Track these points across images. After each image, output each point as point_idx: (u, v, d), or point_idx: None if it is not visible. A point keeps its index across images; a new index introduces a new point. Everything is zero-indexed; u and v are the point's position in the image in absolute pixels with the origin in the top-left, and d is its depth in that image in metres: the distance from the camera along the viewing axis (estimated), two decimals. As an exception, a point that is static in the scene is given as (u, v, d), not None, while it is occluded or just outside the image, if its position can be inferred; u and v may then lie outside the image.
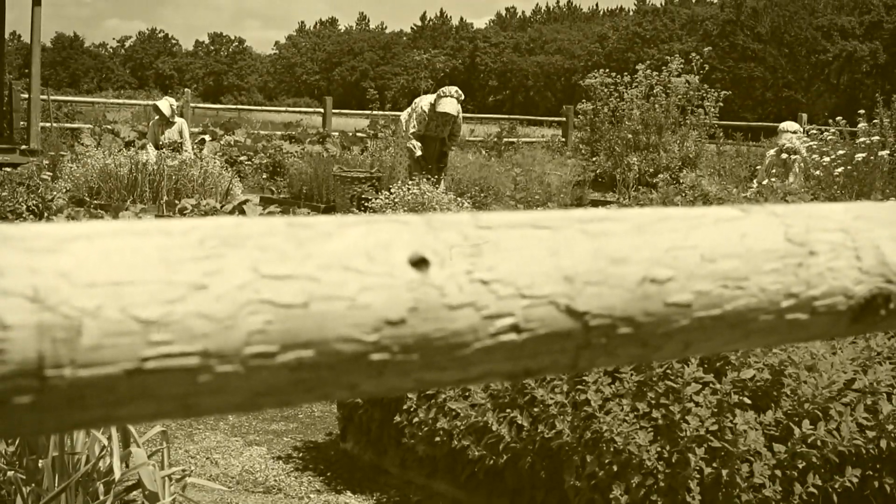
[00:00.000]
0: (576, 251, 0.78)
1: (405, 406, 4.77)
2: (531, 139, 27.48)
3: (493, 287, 0.74)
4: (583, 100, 21.83)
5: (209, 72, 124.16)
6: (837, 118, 14.10)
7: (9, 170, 13.75)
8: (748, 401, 4.00)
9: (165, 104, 15.46)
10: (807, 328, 0.93)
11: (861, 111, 13.17)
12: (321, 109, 26.10)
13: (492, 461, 4.33)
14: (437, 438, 4.57)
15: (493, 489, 4.46)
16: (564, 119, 27.78)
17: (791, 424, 3.98)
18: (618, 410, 3.99)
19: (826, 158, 11.64)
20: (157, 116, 15.53)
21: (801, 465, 3.89)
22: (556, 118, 31.06)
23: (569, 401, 4.14)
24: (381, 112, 28.21)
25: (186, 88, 29.01)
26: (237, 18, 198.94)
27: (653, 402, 4.01)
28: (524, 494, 4.31)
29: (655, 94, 20.31)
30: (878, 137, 11.87)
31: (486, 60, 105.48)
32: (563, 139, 26.63)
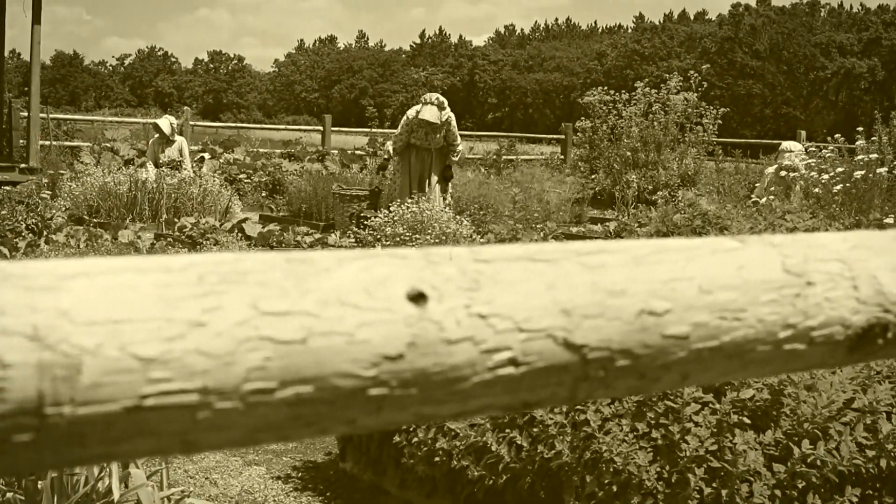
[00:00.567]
0: (573, 284, 0.78)
1: (404, 426, 4.76)
2: (530, 156, 27.51)
3: (491, 321, 0.74)
4: (581, 117, 21.87)
5: (208, 90, 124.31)
6: (836, 135, 14.13)
7: (8, 188, 13.77)
8: (748, 421, 4.00)
9: (166, 123, 15.50)
10: (804, 358, 0.93)
11: (859, 128, 13.19)
12: (320, 127, 26.14)
13: (491, 481, 4.32)
14: (437, 458, 4.56)
15: (493, 509, 4.45)
16: (563, 136, 27.81)
17: (791, 444, 3.97)
18: (617, 430, 3.99)
19: (825, 176, 11.65)
20: (157, 135, 15.56)
21: (801, 485, 3.89)
22: (555, 136, 31.09)
23: (568, 421, 4.13)
24: (381, 129, 28.27)
25: (186, 107, 29.04)
26: (236, 36, 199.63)
27: (652, 422, 4.01)
28: (524, 515, 4.31)
29: (654, 112, 20.35)
30: (877, 155, 11.87)
31: (485, 78, 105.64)
32: (562, 156, 26.66)
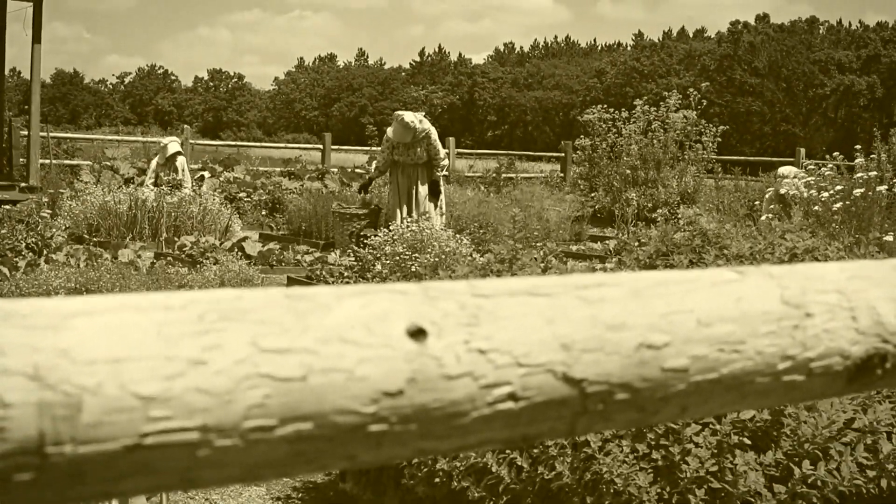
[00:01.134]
0: (573, 318, 0.79)
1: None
2: (530, 174, 27.52)
3: (491, 356, 0.74)
4: (581, 135, 21.89)
5: (208, 108, 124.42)
6: (835, 153, 14.13)
7: (8, 207, 13.78)
8: (748, 441, 4.00)
9: (175, 146, 15.59)
10: (803, 389, 0.93)
11: (858, 146, 13.20)
12: (320, 146, 26.15)
13: (492, 502, 4.31)
14: (437, 479, 4.56)
15: (493, 530, 4.44)
16: (563, 154, 27.83)
17: (791, 465, 3.97)
18: (617, 451, 3.98)
19: (824, 194, 11.66)
20: (157, 156, 15.63)
21: (802, 506, 3.88)
22: (555, 153, 31.11)
23: (568, 442, 4.13)
24: (380, 148, 28.22)
25: (186, 125, 29.06)
26: (236, 54, 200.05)
27: (652, 443, 4.00)
28: (524, 535, 4.30)
29: (653, 130, 20.38)
30: (876, 172, 11.88)
31: (485, 96, 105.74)
32: (562, 174, 26.67)
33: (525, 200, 17.49)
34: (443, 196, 13.43)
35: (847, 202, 11.30)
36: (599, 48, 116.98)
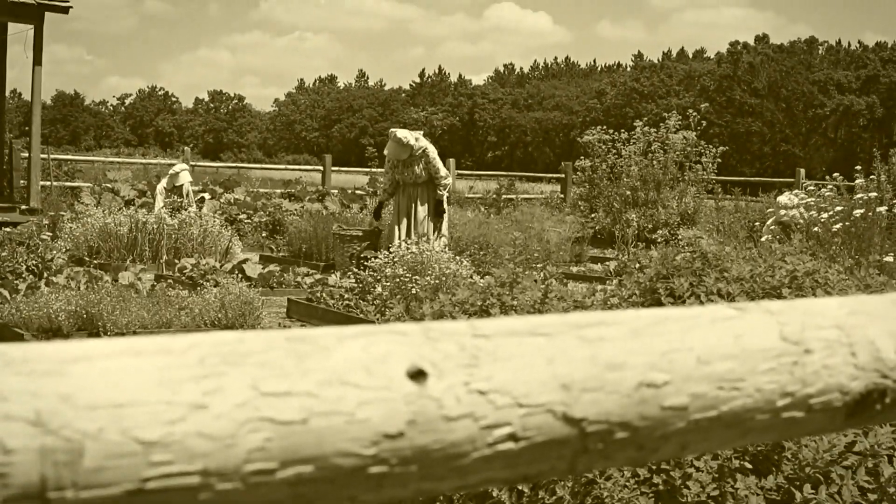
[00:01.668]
0: (573, 358, 0.79)
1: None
2: (530, 195, 27.56)
3: (491, 397, 0.74)
4: (581, 156, 21.91)
5: (209, 129, 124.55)
6: (835, 174, 14.14)
7: (9, 229, 13.78)
8: (749, 465, 3.99)
9: (187, 176, 15.71)
10: (803, 425, 0.94)
11: (858, 167, 13.21)
12: (320, 167, 26.18)
13: (492, 527, 4.30)
14: (437, 502, 4.55)
15: (494, 555, 4.44)
16: (563, 175, 27.86)
17: (792, 489, 3.96)
18: (618, 476, 3.98)
19: (824, 215, 11.67)
20: (165, 180, 15.74)
21: (803, 530, 3.87)
22: (555, 174, 31.15)
23: (569, 466, 4.12)
24: (381, 169, 28.26)
25: (186, 147, 29.12)
26: (236, 76, 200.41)
27: (653, 468, 4.00)
28: (525, 560, 4.29)
29: (653, 151, 20.40)
30: (876, 193, 11.88)
31: (485, 117, 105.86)
32: (562, 195, 26.70)
33: (525, 222, 17.50)
34: (446, 217, 13.42)
35: (847, 223, 11.31)
36: (599, 69, 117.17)
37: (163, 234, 13.61)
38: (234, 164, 36.76)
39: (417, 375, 0.72)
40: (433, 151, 13.20)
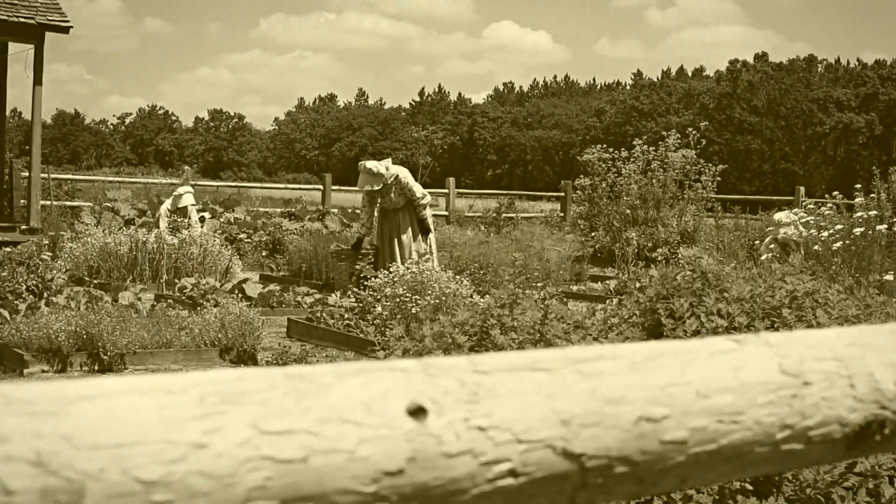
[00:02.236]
0: (572, 393, 0.79)
1: None
2: (530, 214, 27.58)
3: (491, 433, 0.75)
4: (581, 175, 21.93)
5: (209, 148, 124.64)
6: (834, 192, 14.16)
7: (9, 249, 13.78)
8: (750, 487, 3.99)
9: (190, 199, 15.73)
10: (802, 457, 0.94)
11: (858, 185, 13.22)
12: (320, 186, 26.21)
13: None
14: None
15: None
16: (563, 194, 27.88)
17: (793, 510, 3.96)
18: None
19: (824, 233, 11.67)
20: (169, 200, 15.75)
21: (805, 552, 3.87)
22: (555, 193, 31.18)
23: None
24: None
25: (186, 166, 29.15)
26: (236, 94, 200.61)
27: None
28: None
29: (653, 169, 20.41)
30: (875, 211, 11.89)
31: (485, 135, 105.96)
32: (562, 214, 26.72)
33: (525, 240, 17.51)
34: (432, 235, 13.43)
35: (847, 241, 11.31)
36: (599, 87, 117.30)
37: (163, 254, 13.61)
38: (235, 184, 36.85)
39: (417, 412, 0.72)
40: (405, 175, 13.23)
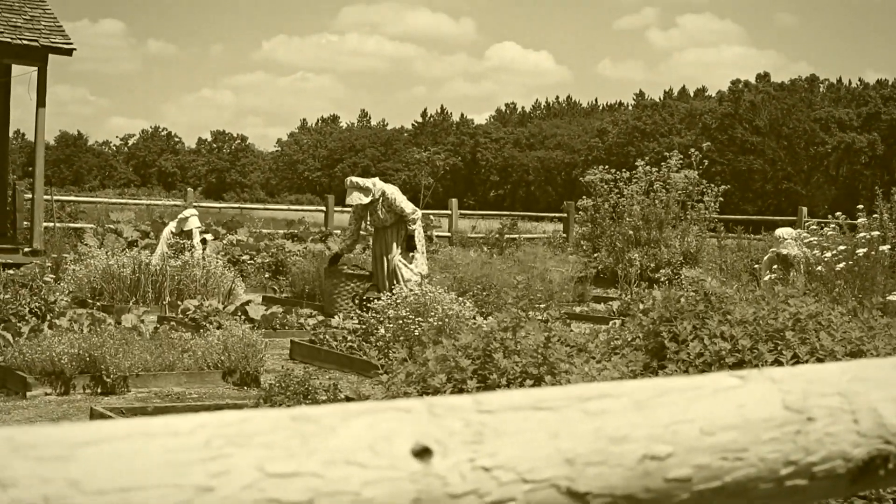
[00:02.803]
0: (576, 432, 0.79)
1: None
2: (533, 235, 27.59)
3: (495, 473, 0.75)
4: (583, 195, 21.94)
5: (211, 169, 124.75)
6: (837, 213, 14.16)
7: (12, 271, 13.79)
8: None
9: (196, 222, 15.74)
10: (806, 493, 0.94)
11: (860, 206, 13.21)
12: (323, 207, 26.24)
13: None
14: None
15: None
16: (565, 215, 27.91)
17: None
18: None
19: (827, 254, 11.66)
20: (173, 223, 15.76)
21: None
22: (558, 214, 31.21)
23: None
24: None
25: (190, 188, 29.20)
26: (239, 116, 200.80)
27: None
28: None
29: (655, 190, 20.42)
30: (878, 232, 11.88)
31: (487, 156, 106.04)
32: (565, 235, 26.72)
33: (528, 261, 17.50)
34: (421, 252, 13.43)
35: (850, 262, 11.30)
36: (601, 108, 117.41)
37: (165, 276, 13.61)
38: (237, 205, 36.88)
39: (422, 453, 0.72)
40: (392, 191, 13.27)
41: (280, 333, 11.53)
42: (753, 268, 17.12)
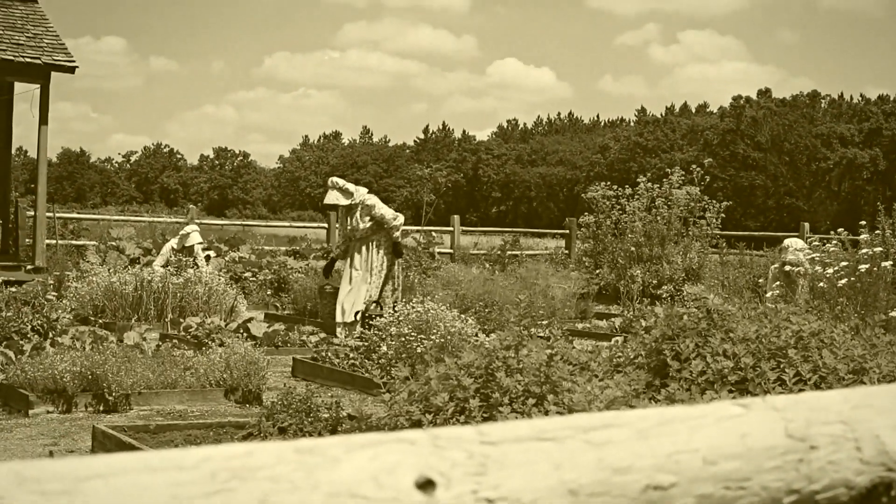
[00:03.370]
0: (579, 463, 0.79)
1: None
2: (535, 251, 27.58)
3: (499, 505, 0.75)
4: (585, 212, 21.96)
5: (214, 186, 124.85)
6: (839, 229, 14.16)
7: (14, 289, 13.80)
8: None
9: (197, 237, 15.74)
10: (810, 521, 0.94)
11: (863, 222, 13.21)
12: (325, 224, 26.24)
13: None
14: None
15: None
16: (567, 231, 27.93)
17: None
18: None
19: (830, 270, 11.66)
20: (175, 239, 15.77)
21: None
22: (560, 230, 31.23)
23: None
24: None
25: (192, 205, 29.21)
26: (241, 132, 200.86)
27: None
28: None
29: (657, 206, 20.44)
30: (881, 248, 11.88)
31: (489, 172, 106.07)
32: (567, 251, 26.73)
33: (530, 278, 17.51)
34: (398, 266, 13.37)
35: (852, 278, 11.30)
36: (602, 124, 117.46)
37: (168, 293, 13.63)
38: (240, 222, 36.90)
39: (426, 485, 0.73)
40: (373, 199, 13.14)
41: (282, 351, 11.53)
42: (757, 282, 17.12)
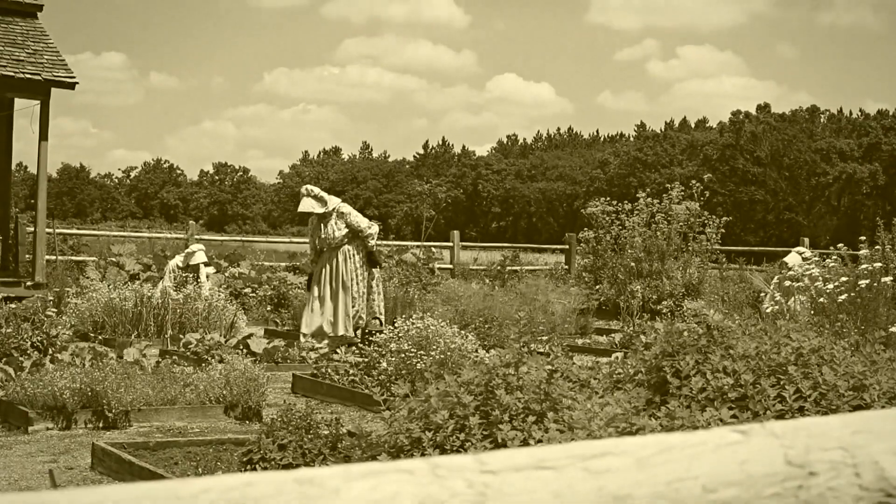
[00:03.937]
0: (579, 492, 0.79)
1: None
2: (534, 266, 27.57)
3: (498, 535, 0.75)
4: (585, 227, 21.98)
5: (213, 201, 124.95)
6: (839, 245, 14.16)
7: (14, 305, 13.80)
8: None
9: (202, 256, 15.73)
10: (809, 547, 0.94)
11: (862, 237, 13.22)
12: (325, 240, 26.23)
13: None
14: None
15: None
16: (567, 246, 27.93)
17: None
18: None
19: (830, 285, 11.66)
20: (179, 256, 15.76)
21: None
22: (559, 245, 31.24)
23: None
24: (385, 242, 28.31)
25: (192, 221, 29.22)
26: (241, 148, 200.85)
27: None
28: None
29: (657, 222, 20.46)
30: (881, 263, 11.88)
31: (489, 187, 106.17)
32: (567, 266, 26.73)
33: (530, 294, 17.51)
34: (378, 275, 13.26)
35: (852, 294, 11.30)
36: (602, 139, 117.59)
37: (167, 309, 13.63)
38: (239, 238, 36.94)
39: (425, 515, 0.73)
40: (348, 208, 13.00)
41: (282, 367, 11.52)
42: (757, 296, 17.12)
